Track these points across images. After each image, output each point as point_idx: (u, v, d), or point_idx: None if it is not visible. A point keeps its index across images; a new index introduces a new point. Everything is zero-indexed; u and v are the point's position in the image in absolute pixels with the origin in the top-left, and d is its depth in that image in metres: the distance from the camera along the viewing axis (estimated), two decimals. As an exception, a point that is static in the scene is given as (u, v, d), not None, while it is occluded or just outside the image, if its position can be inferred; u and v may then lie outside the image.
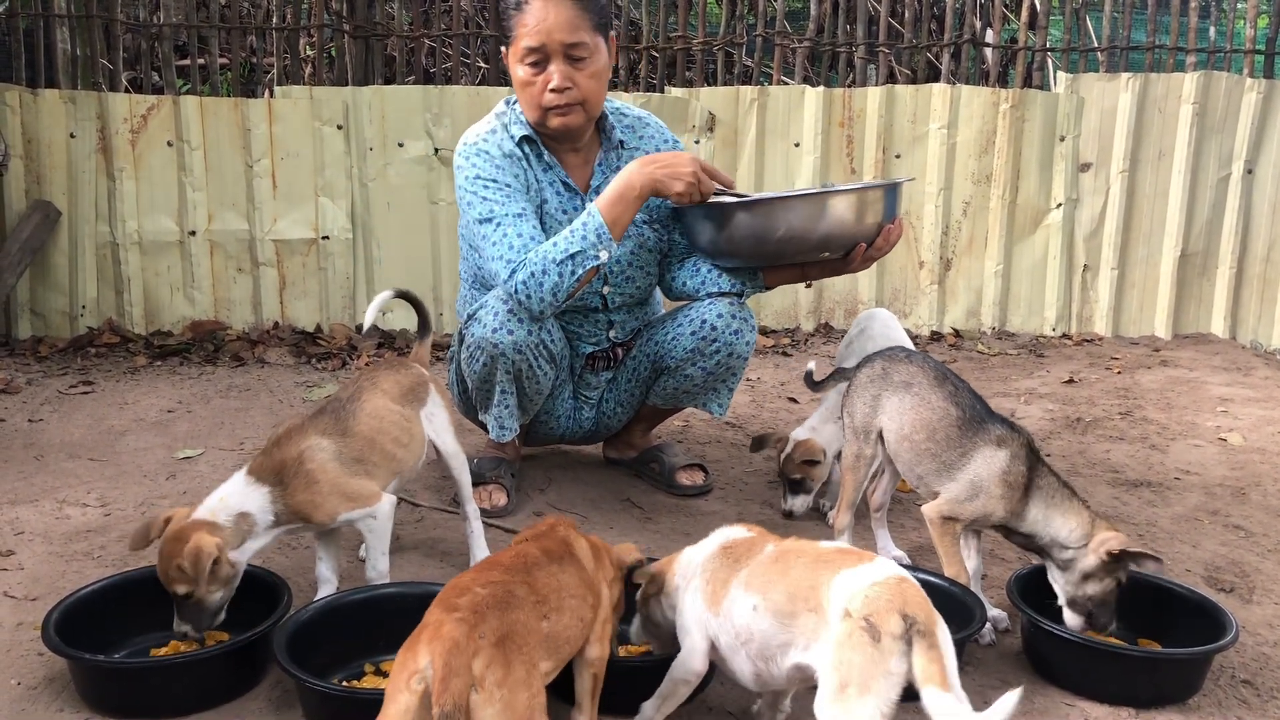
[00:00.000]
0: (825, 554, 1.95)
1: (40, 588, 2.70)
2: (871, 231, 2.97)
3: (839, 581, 1.83)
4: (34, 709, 2.21)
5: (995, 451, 2.48)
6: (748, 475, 3.57)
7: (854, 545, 2.44)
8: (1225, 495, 3.50)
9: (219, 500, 2.36)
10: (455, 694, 1.65)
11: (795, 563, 1.95)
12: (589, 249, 2.86)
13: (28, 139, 4.82)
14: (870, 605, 1.75)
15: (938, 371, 2.67)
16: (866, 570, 1.83)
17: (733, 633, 1.97)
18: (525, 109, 3.05)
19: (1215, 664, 2.41)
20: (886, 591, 1.77)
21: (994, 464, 2.47)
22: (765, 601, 1.92)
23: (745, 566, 2.01)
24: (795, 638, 1.87)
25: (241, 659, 2.27)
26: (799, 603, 1.88)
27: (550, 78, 2.95)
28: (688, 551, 2.18)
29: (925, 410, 2.61)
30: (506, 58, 3.05)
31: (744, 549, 2.07)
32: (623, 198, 2.89)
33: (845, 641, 1.75)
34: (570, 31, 2.92)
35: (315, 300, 5.17)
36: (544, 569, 1.96)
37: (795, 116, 5.32)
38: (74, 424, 3.95)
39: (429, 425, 2.76)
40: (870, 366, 2.78)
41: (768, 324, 5.45)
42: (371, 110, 5.04)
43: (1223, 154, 5.51)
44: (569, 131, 3.06)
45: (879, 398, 2.72)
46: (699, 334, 3.16)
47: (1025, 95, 5.40)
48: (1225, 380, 4.84)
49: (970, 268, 5.54)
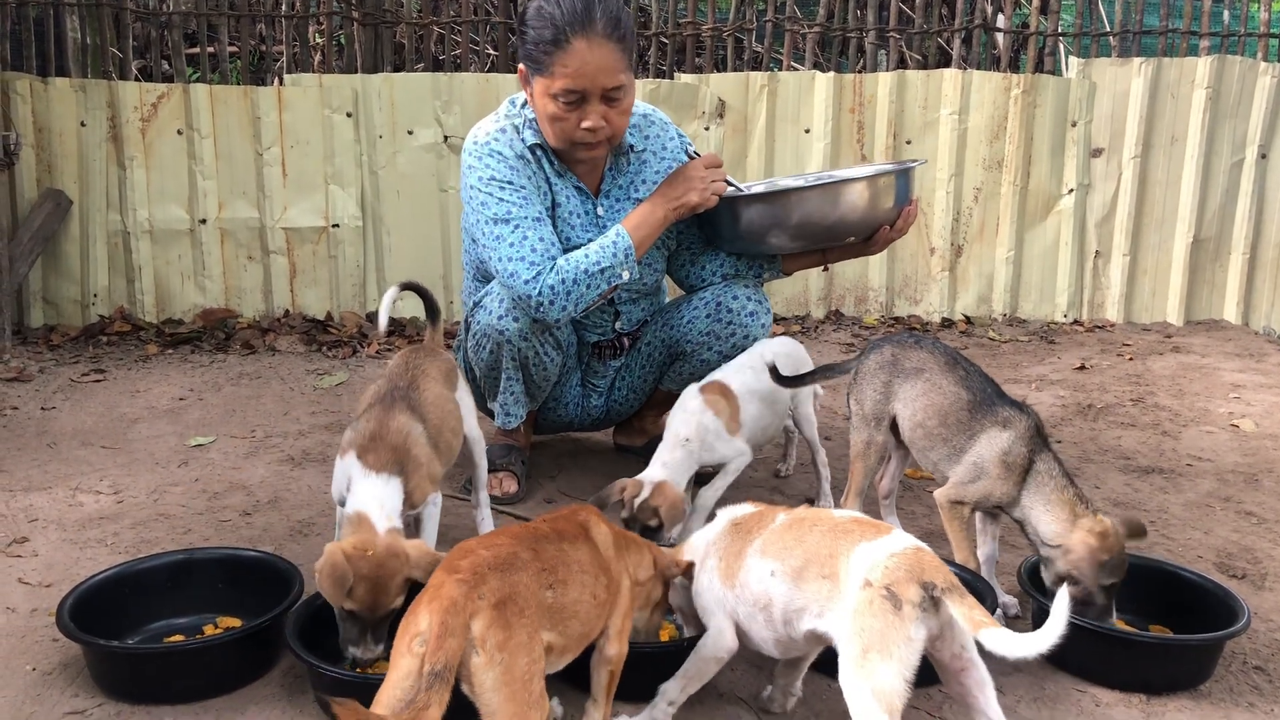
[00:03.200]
0: (842, 524, 1.97)
1: (54, 574, 2.72)
2: (892, 214, 3.05)
3: (858, 552, 1.85)
4: (49, 694, 2.23)
5: (999, 433, 2.48)
6: (756, 461, 3.56)
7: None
8: (1237, 481, 3.48)
9: (378, 506, 2.27)
10: (448, 653, 1.64)
11: (811, 530, 1.97)
12: (616, 266, 2.94)
13: (39, 128, 4.83)
14: (890, 574, 1.78)
15: (948, 356, 2.67)
16: (885, 542, 1.86)
17: (750, 600, 2.00)
18: (549, 137, 3.01)
19: (1227, 650, 2.40)
20: (905, 561, 1.80)
21: (996, 444, 2.47)
22: (783, 566, 1.95)
23: (758, 536, 2.04)
24: (809, 603, 1.90)
25: (254, 645, 2.28)
26: (814, 567, 1.90)
27: (585, 116, 2.91)
28: (696, 535, 2.20)
29: (937, 395, 2.61)
30: (527, 76, 2.97)
31: (754, 522, 2.10)
32: (647, 222, 2.98)
33: (866, 609, 1.77)
34: (611, 75, 2.87)
35: (326, 288, 5.17)
36: (552, 543, 1.94)
37: (806, 103, 5.30)
38: (86, 412, 3.97)
39: (460, 410, 2.80)
40: (879, 353, 2.78)
41: (778, 311, 5.44)
42: (381, 98, 5.03)
43: (1236, 139, 5.48)
44: (591, 163, 3.09)
45: (890, 384, 2.72)
46: (715, 317, 3.17)
47: (1037, 80, 5.37)
48: (1238, 366, 4.82)
49: (981, 254, 5.52)
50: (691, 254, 3.31)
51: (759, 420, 3.00)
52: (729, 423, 2.93)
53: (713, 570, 2.09)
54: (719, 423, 2.90)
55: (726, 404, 2.94)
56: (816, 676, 2.31)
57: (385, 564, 2.13)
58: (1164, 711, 2.23)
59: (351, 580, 2.09)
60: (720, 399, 2.94)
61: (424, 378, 2.65)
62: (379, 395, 2.56)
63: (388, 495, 2.30)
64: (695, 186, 2.98)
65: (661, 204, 2.99)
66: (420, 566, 2.15)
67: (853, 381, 2.82)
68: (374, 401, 2.54)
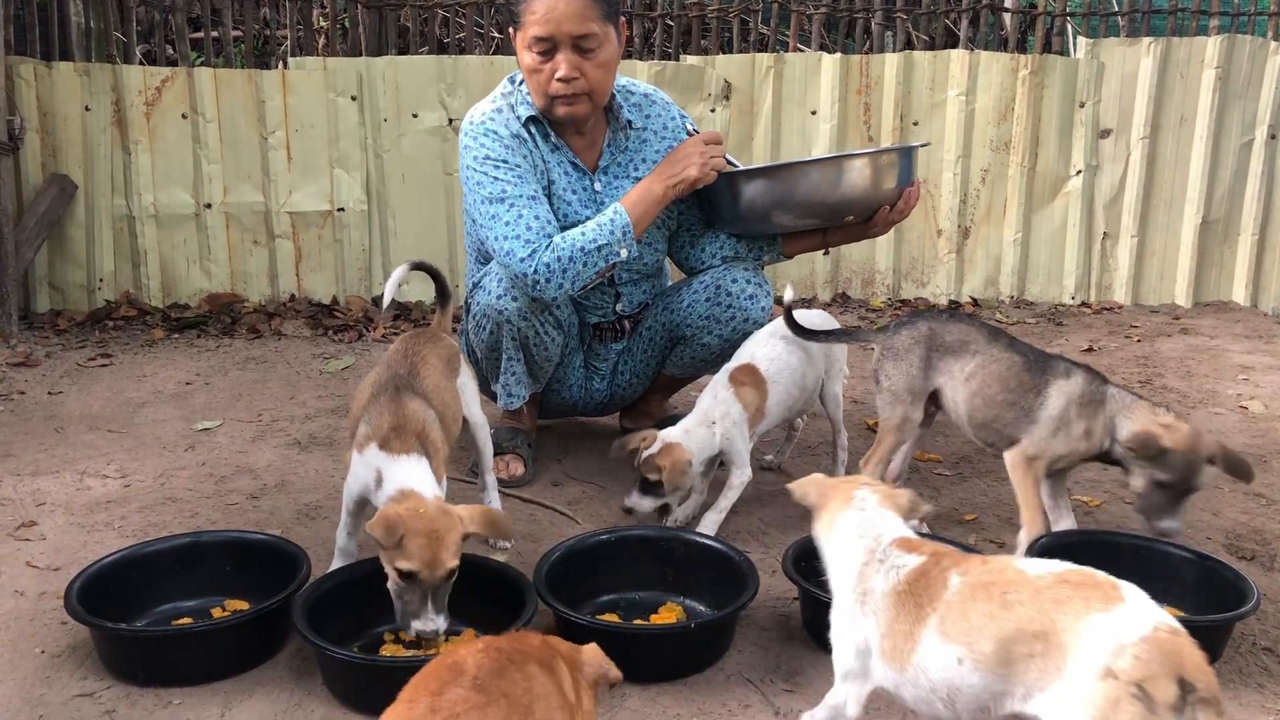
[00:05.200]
0: (1046, 585, 1.65)
1: (62, 558, 2.73)
2: (892, 195, 3.02)
3: (1091, 629, 1.56)
4: (58, 676, 2.24)
5: (1065, 382, 2.61)
6: (762, 444, 3.56)
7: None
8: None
9: (419, 481, 2.28)
10: None
11: (1005, 599, 1.66)
12: (614, 244, 2.93)
13: (43, 112, 4.82)
14: (1143, 667, 1.50)
15: (987, 327, 2.77)
16: (1124, 616, 1.57)
17: (929, 688, 1.72)
18: (532, 95, 3.03)
19: (1236, 632, 2.40)
20: (1161, 651, 1.52)
21: (1070, 391, 2.59)
22: (973, 653, 1.65)
23: (933, 611, 1.72)
24: (1013, 688, 1.64)
25: (262, 627, 2.28)
26: (1020, 647, 1.62)
27: (558, 67, 2.92)
28: (840, 568, 1.89)
29: (993, 364, 2.68)
30: (514, 39, 3.03)
31: (922, 588, 1.75)
32: (645, 199, 2.98)
33: (1109, 708, 1.51)
34: (579, 22, 2.88)
35: (331, 272, 5.17)
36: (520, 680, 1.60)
37: (812, 84, 5.27)
38: (93, 396, 3.97)
39: (461, 396, 2.80)
40: (912, 329, 2.81)
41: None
42: (385, 81, 5.01)
43: (1245, 119, 5.44)
44: (575, 120, 3.06)
45: (929, 359, 2.76)
46: (714, 300, 3.16)
47: (1045, 61, 5.34)
48: (1246, 348, 4.80)
49: (989, 236, 5.49)
50: (692, 235, 3.30)
51: (786, 400, 3.01)
52: (754, 415, 2.95)
53: (873, 632, 1.79)
54: (744, 418, 2.92)
55: (755, 393, 2.95)
56: (823, 658, 2.31)
57: (439, 520, 2.15)
58: (1172, 692, 2.23)
59: (403, 530, 2.11)
60: (749, 390, 2.95)
61: (423, 365, 2.64)
62: (380, 384, 2.55)
63: (424, 473, 2.32)
64: (694, 161, 2.97)
65: (660, 181, 2.98)
66: (475, 521, 2.19)
67: (881, 356, 2.83)
68: (377, 391, 2.53)
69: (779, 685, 2.23)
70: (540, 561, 2.44)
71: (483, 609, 2.34)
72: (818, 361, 3.07)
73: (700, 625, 2.29)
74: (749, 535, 2.92)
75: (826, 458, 3.36)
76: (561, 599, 2.31)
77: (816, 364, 3.07)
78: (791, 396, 3.02)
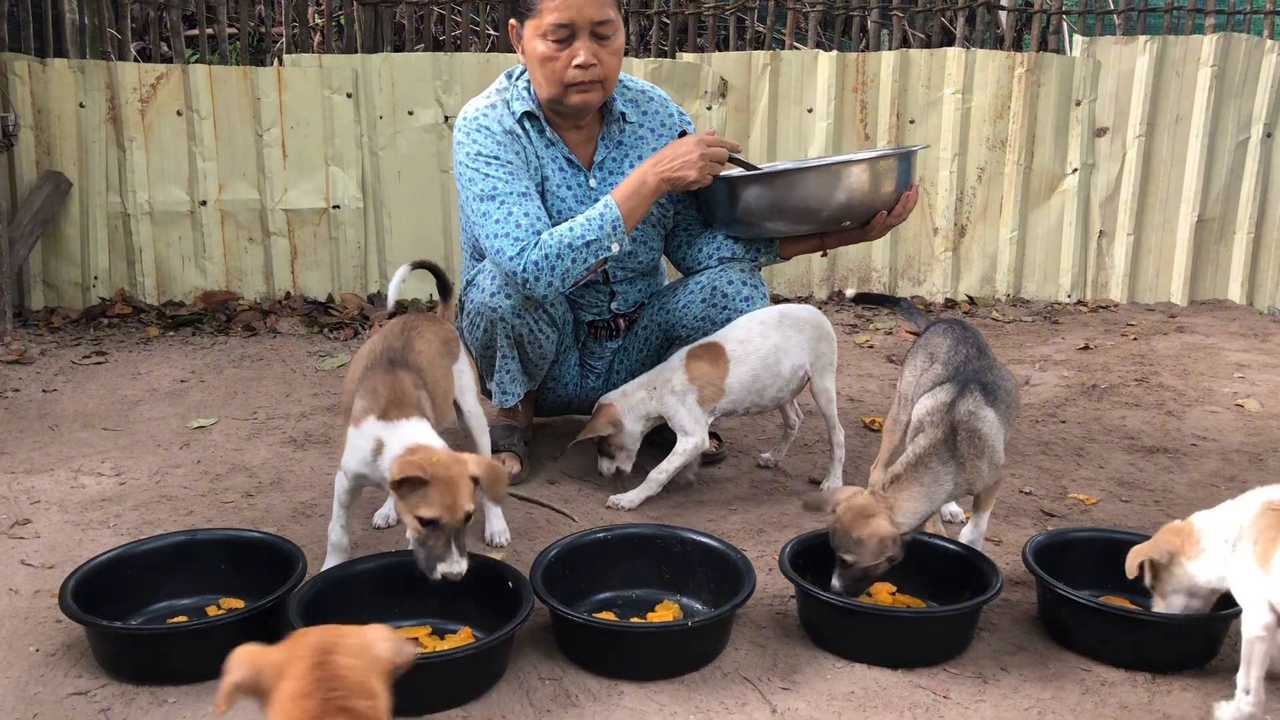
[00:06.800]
0: None
1: (57, 556, 2.72)
2: (891, 199, 3.01)
3: None
4: (53, 675, 2.23)
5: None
6: (760, 443, 3.56)
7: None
8: (1242, 461, 3.47)
9: (424, 436, 2.34)
10: None
11: None
12: (604, 239, 2.91)
13: (37, 109, 4.81)
14: None
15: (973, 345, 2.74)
16: None
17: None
18: (542, 84, 3.00)
19: (1232, 629, 2.39)
20: None
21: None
22: None
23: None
24: None
25: (257, 626, 2.28)
26: None
27: (576, 54, 2.91)
28: (1226, 513, 2.20)
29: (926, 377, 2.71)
30: (516, 29, 3.00)
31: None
32: (637, 193, 2.94)
33: None
34: (600, 8, 2.89)
35: (327, 270, 5.16)
36: None
37: (808, 82, 5.27)
38: (88, 394, 3.96)
39: (456, 381, 2.78)
40: (927, 331, 2.83)
41: (781, 292, 5.42)
42: (381, 78, 5.00)
43: (1241, 118, 5.44)
44: (586, 109, 3.04)
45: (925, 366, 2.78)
46: (709, 301, 3.15)
47: (1041, 59, 5.34)
48: (1242, 346, 4.81)
49: (985, 234, 5.50)
50: (688, 235, 3.29)
51: (752, 382, 3.03)
52: (709, 390, 3.00)
53: (1248, 554, 2.09)
54: (688, 389, 3.00)
55: (711, 370, 3.00)
56: (820, 656, 2.31)
57: (452, 466, 2.23)
58: (1169, 690, 2.23)
59: (429, 472, 2.19)
60: (704, 365, 3.01)
61: (419, 339, 2.63)
62: (375, 356, 2.54)
63: (429, 431, 2.38)
64: (694, 164, 2.92)
65: (653, 174, 2.94)
66: (480, 466, 2.28)
67: (907, 354, 2.85)
68: (371, 363, 2.53)
69: (776, 683, 2.23)
70: (537, 559, 2.43)
71: (478, 607, 2.33)
72: (798, 350, 3.06)
73: (697, 624, 2.29)
74: (745, 533, 2.91)
75: (824, 456, 3.36)
76: (558, 597, 2.30)
77: (796, 353, 3.06)
78: (760, 380, 3.03)
